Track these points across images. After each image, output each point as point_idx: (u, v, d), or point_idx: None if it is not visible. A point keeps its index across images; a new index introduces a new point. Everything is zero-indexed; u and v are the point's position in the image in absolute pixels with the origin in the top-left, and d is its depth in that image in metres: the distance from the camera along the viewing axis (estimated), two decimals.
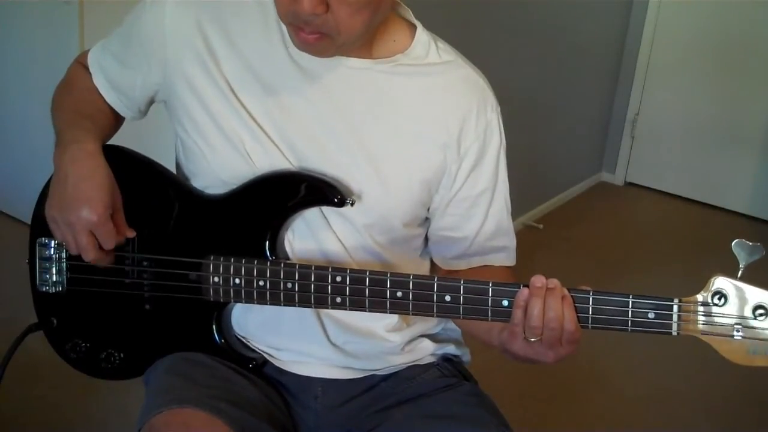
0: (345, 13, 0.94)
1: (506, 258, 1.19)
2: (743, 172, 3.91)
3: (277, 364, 1.18)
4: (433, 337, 1.24)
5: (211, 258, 1.09)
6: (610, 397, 2.45)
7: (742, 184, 3.92)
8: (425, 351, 1.22)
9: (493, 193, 1.15)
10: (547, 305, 0.95)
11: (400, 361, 1.20)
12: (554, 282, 0.96)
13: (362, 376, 1.20)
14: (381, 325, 1.16)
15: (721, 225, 3.82)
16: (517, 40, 3.16)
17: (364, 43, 1.06)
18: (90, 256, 1.06)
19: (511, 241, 1.20)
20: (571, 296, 0.97)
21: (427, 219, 1.18)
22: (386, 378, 1.20)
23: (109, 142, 1.17)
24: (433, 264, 1.24)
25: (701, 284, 0.96)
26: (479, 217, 1.15)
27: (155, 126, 1.30)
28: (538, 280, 0.96)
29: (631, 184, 4.25)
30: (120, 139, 1.21)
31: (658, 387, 2.51)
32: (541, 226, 3.49)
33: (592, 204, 4.00)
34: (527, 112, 3.20)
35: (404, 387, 1.19)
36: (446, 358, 1.26)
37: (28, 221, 1.18)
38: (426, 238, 1.21)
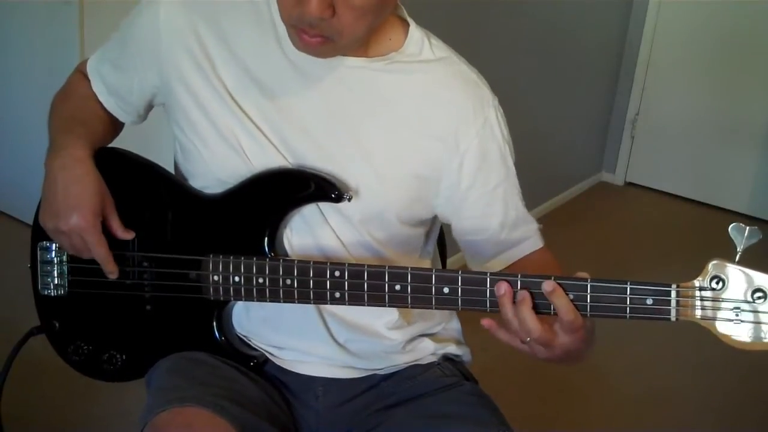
0: (350, 17, 0.94)
1: (536, 242, 1.19)
2: (743, 171, 3.91)
3: (278, 363, 1.18)
4: (433, 337, 1.24)
5: (211, 256, 1.09)
6: (611, 396, 2.45)
7: (742, 184, 3.92)
8: (426, 350, 1.23)
9: (506, 185, 1.14)
10: (519, 316, 0.95)
11: (401, 360, 1.21)
12: (523, 294, 0.96)
13: (363, 375, 1.20)
14: (382, 322, 1.16)
15: (721, 225, 3.79)
16: (517, 40, 3.16)
17: (361, 44, 1.06)
18: (99, 252, 1.07)
19: (533, 224, 1.20)
20: (569, 284, 0.96)
21: (426, 219, 1.18)
22: (387, 377, 1.21)
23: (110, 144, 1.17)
24: (434, 264, 1.24)
25: None
26: (500, 211, 1.15)
27: (154, 127, 1.30)
28: (499, 288, 0.97)
29: (631, 184, 4.25)
30: (119, 140, 1.21)
31: (658, 387, 2.51)
32: (540, 226, 3.48)
33: (592, 204, 3.99)
34: (527, 112, 3.20)
35: (405, 386, 1.19)
36: (447, 358, 1.26)
37: (29, 221, 1.18)
38: (426, 239, 1.21)
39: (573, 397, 2.43)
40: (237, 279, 1.08)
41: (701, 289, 0.94)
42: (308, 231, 1.11)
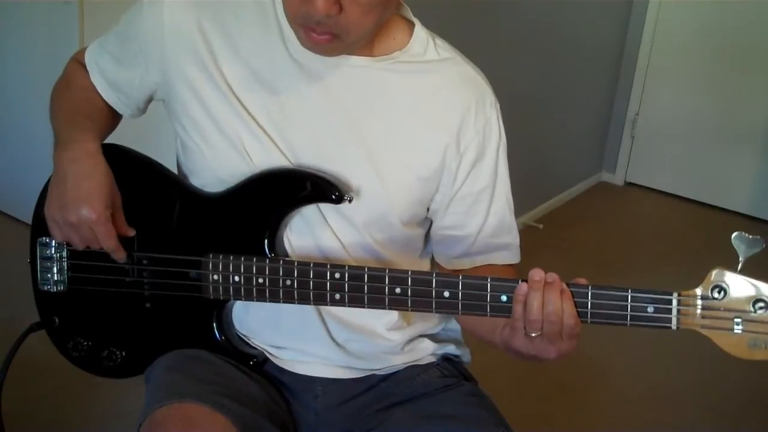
0: (357, 14, 0.94)
1: (510, 256, 1.19)
2: (743, 171, 3.90)
3: (277, 363, 1.18)
4: (433, 337, 1.24)
5: (211, 256, 1.09)
6: (611, 396, 2.45)
7: (742, 184, 3.92)
8: (425, 351, 1.22)
9: (494, 190, 1.15)
10: (546, 299, 0.95)
11: (401, 360, 1.20)
12: (553, 276, 0.96)
13: (362, 375, 1.20)
14: (382, 323, 1.16)
15: (721, 225, 3.82)
16: (518, 40, 3.16)
17: (367, 41, 1.06)
18: (109, 244, 1.07)
19: (514, 239, 1.19)
20: (571, 291, 0.97)
21: (426, 219, 1.18)
22: (386, 378, 1.20)
23: (109, 140, 1.17)
24: (434, 264, 1.24)
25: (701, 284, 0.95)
26: (481, 214, 1.15)
27: (155, 124, 1.30)
28: (536, 274, 0.96)
29: (631, 184, 4.25)
30: (119, 137, 1.21)
31: (658, 386, 2.51)
32: (541, 226, 3.49)
33: (592, 204, 3.99)
34: (527, 112, 3.20)
35: (404, 387, 1.19)
36: (446, 358, 1.26)
37: (28, 221, 1.18)
38: (425, 239, 1.21)
39: (573, 397, 2.43)
40: (237, 279, 1.08)
41: (702, 297, 0.94)
42: (308, 232, 1.11)
